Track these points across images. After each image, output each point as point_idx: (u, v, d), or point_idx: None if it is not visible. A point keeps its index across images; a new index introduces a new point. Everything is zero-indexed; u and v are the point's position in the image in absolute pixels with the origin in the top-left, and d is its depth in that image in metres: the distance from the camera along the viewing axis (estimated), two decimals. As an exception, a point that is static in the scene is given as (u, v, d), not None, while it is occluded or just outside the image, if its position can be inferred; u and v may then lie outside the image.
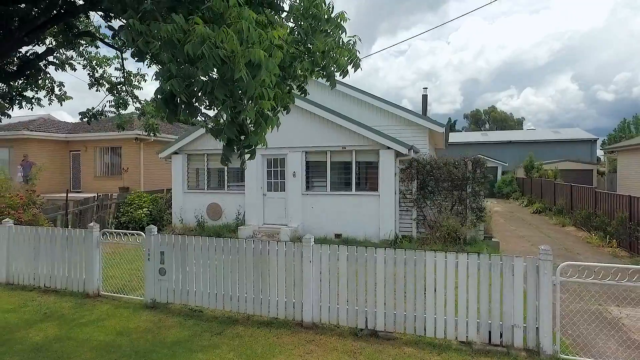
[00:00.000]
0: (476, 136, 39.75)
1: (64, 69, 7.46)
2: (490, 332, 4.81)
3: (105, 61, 7.93)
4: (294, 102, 3.79)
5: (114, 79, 8.09)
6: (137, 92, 8.12)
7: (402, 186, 11.54)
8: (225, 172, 13.25)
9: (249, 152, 3.17)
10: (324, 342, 5.00)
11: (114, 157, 19.06)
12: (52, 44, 6.67)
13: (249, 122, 2.98)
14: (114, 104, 7.71)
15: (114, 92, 7.86)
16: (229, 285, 5.95)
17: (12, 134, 17.74)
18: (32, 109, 7.16)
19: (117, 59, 7.82)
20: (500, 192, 26.81)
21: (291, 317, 5.62)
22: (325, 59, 3.50)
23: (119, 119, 7.91)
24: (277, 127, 3.33)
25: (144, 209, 13.74)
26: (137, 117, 8.63)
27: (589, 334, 5.15)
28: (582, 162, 27.29)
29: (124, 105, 7.78)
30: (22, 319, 5.92)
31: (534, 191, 21.88)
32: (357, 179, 11.74)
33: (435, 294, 5.00)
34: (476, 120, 72.85)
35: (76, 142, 19.39)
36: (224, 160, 3.27)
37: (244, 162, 3.43)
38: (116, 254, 8.46)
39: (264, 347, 4.89)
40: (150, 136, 9.86)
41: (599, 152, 35.21)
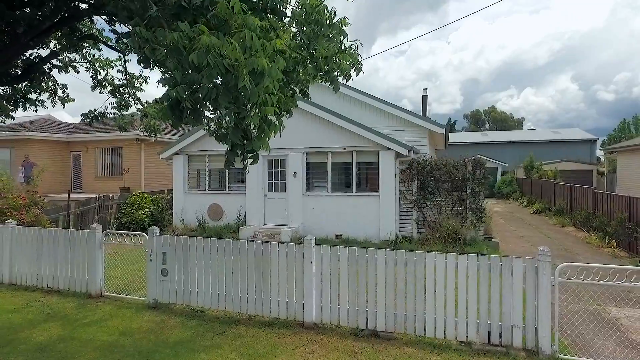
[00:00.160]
0: (476, 136, 39.79)
1: (68, 72, 7.52)
2: (489, 333, 4.86)
3: (108, 63, 7.99)
4: (297, 107, 3.85)
5: (116, 81, 8.14)
6: (138, 94, 8.19)
7: (402, 187, 11.59)
8: (226, 173, 13.28)
9: (252, 156, 3.22)
10: (325, 342, 5.05)
11: (114, 158, 19.11)
12: (57, 48, 6.73)
13: (253, 127, 3.03)
14: (116, 105, 7.77)
15: (116, 94, 7.91)
16: (230, 285, 6.00)
17: (13, 134, 17.78)
18: (37, 111, 7.24)
19: (119, 61, 7.88)
20: (500, 192, 26.85)
21: (292, 317, 5.67)
22: (328, 64, 3.56)
23: (121, 120, 7.97)
24: (280, 133, 3.39)
25: (145, 210, 13.78)
26: (140, 118, 8.68)
27: (587, 334, 5.21)
28: (581, 163, 27.32)
29: (126, 106, 7.85)
30: (25, 319, 5.97)
31: (534, 191, 21.91)
32: (357, 180, 11.77)
33: (435, 295, 5.05)
34: (476, 120, 72.86)
35: (77, 143, 19.45)
36: (228, 164, 3.33)
37: (246, 166, 3.49)
38: (117, 254, 8.51)
39: (266, 347, 4.94)
40: (151, 137, 9.92)
41: (599, 152, 35.25)
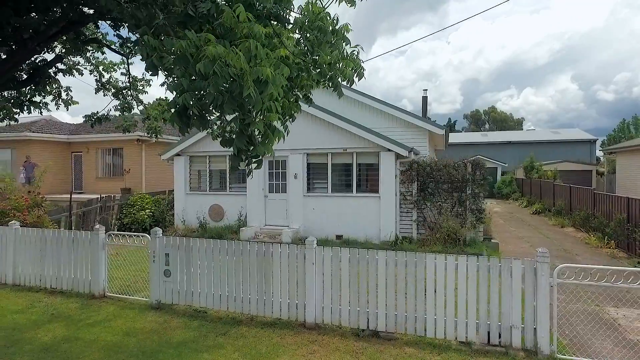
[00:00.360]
0: (476, 137, 39.85)
1: (72, 75, 7.59)
2: (489, 333, 4.93)
3: (111, 67, 8.06)
4: (300, 112, 3.91)
5: (120, 84, 8.21)
6: (141, 96, 8.25)
7: (402, 188, 11.66)
8: (226, 174, 13.36)
9: (256, 161, 3.29)
10: (326, 343, 5.12)
11: (115, 158, 19.17)
12: (62, 52, 6.80)
13: (257, 133, 3.10)
14: (119, 107, 7.84)
15: (119, 96, 7.98)
16: (232, 286, 6.06)
17: (14, 135, 17.82)
18: (42, 113, 7.30)
19: (122, 64, 7.95)
20: (499, 192, 26.91)
21: (294, 317, 5.73)
22: (332, 70, 3.63)
23: (125, 122, 8.04)
24: (283, 138, 3.46)
25: (147, 211, 13.83)
26: (142, 120, 8.74)
27: (585, 334, 5.27)
28: (581, 163, 27.36)
29: (129, 109, 7.92)
30: (30, 319, 6.04)
31: (534, 192, 21.97)
32: (357, 181, 11.83)
33: (435, 295, 5.11)
34: (476, 120, 72.93)
35: (78, 144, 19.52)
36: (233, 169, 3.40)
37: (250, 171, 3.55)
38: (119, 255, 8.57)
39: (268, 347, 5.00)
40: (152, 138, 9.97)
41: (599, 153, 35.27)
